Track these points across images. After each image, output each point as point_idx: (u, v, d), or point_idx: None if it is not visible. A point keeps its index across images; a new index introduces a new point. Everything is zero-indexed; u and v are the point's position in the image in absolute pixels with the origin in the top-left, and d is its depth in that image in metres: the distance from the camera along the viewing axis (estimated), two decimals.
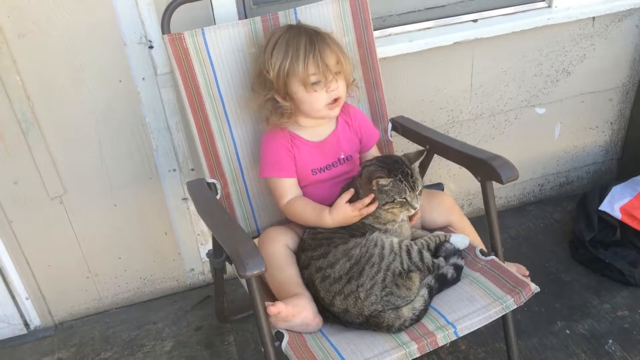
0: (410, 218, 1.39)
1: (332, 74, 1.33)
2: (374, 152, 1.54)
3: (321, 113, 1.37)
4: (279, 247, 1.36)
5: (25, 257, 1.80)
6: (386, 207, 1.32)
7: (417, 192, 1.33)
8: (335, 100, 1.36)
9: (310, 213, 1.37)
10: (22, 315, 1.89)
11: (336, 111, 1.39)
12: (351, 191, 1.33)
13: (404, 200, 1.31)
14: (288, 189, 1.40)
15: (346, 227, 1.35)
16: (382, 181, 1.29)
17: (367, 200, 1.30)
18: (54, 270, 1.85)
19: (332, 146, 1.44)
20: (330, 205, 1.39)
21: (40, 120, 1.62)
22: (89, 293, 1.93)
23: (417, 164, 1.37)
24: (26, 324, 1.91)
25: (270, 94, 1.36)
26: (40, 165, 1.68)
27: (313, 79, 1.31)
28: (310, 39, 1.31)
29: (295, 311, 1.23)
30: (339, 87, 1.35)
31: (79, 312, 1.96)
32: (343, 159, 1.45)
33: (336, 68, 1.34)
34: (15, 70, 1.54)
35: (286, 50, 1.31)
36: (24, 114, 1.60)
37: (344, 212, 1.32)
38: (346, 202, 1.32)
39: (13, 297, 1.85)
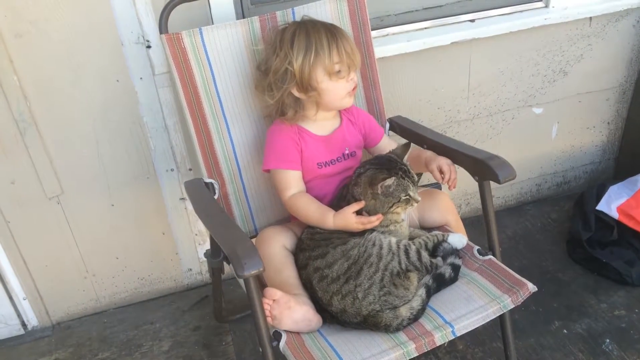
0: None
1: (352, 60, 1.35)
2: (385, 143, 1.53)
3: (343, 102, 1.40)
4: (276, 248, 1.36)
5: (23, 257, 1.80)
6: (393, 208, 1.32)
7: (416, 186, 1.35)
8: (353, 89, 1.39)
9: (314, 212, 1.37)
10: (19, 316, 1.88)
11: (352, 100, 1.42)
12: (361, 203, 1.33)
13: (408, 196, 1.32)
14: (292, 181, 1.40)
15: None
16: (387, 182, 1.29)
17: (374, 218, 1.31)
18: (52, 271, 1.85)
19: (338, 141, 1.45)
20: (330, 204, 1.40)
21: (37, 120, 1.62)
22: (87, 293, 1.93)
23: (406, 157, 1.39)
24: (23, 324, 1.90)
25: (289, 88, 1.35)
26: (38, 165, 1.68)
27: (337, 67, 1.33)
28: (329, 30, 1.34)
29: (294, 300, 1.23)
30: (355, 76, 1.39)
31: (77, 312, 1.95)
32: (348, 154, 1.46)
33: (354, 56, 1.36)
34: (12, 70, 1.54)
35: (308, 42, 1.31)
36: (21, 114, 1.60)
37: (347, 221, 1.32)
38: (352, 212, 1.32)
39: (10, 298, 1.84)
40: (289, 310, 1.22)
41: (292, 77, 1.33)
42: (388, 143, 1.54)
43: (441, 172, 1.41)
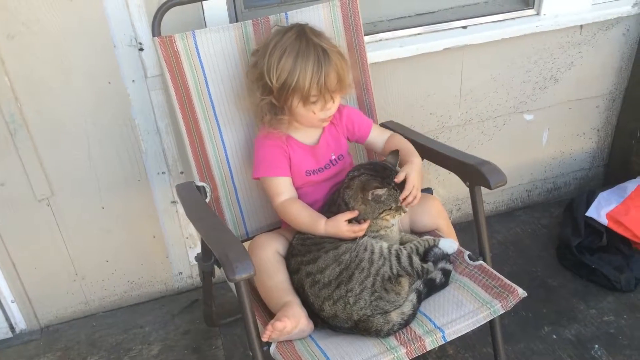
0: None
1: (331, 95, 1.33)
2: (376, 136, 1.51)
3: (314, 125, 1.41)
4: (269, 253, 1.36)
5: (12, 260, 1.79)
6: (382, 214, 1.32)
7: None
8: (329, 117, 1.39)
9: (305, 218, 1.37)
10: (7, 319, 1.87)
11: (326, 123, 1.43)
12: (354, 212, 1.33)
13: (399, 205, 1.32)
14: (283, 187, 1.40)
15: None
16: (379, 191, 1.29)
17: (365, 226, 1.32)
18: (41, 273, 1.84)
19: (323, 149, 1.45)
20: (321, 209, 1.40)
21: (28, 121, 1.61)
22: (76, 296, 1.92)
23: (398, 163, 1.39)
24: (11, 328, 1.89)
25: (268, 99, 1.35)
26: (28, 167, 1.66)
27: (313, 99, 1.32)
28: (318, 60, 1.29)
29: (295, 322, 1.23)
30: (333, 106, 1.37)
31: (65, 315, 1.94)
32: (335, 159, 1.46)
33: (336, 87, 1.33)
34: (3, 71, 1.53)
35: (294, 67, 1.28)
36: (12, 115, 1.59)
37: (339, 228, 1.32)
38: (344, 220, 1.32)
39: None
40: (287, 335, 1.23)
41: (270, 91, 1.33)
42: (378, 135, 1.52)
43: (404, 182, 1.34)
